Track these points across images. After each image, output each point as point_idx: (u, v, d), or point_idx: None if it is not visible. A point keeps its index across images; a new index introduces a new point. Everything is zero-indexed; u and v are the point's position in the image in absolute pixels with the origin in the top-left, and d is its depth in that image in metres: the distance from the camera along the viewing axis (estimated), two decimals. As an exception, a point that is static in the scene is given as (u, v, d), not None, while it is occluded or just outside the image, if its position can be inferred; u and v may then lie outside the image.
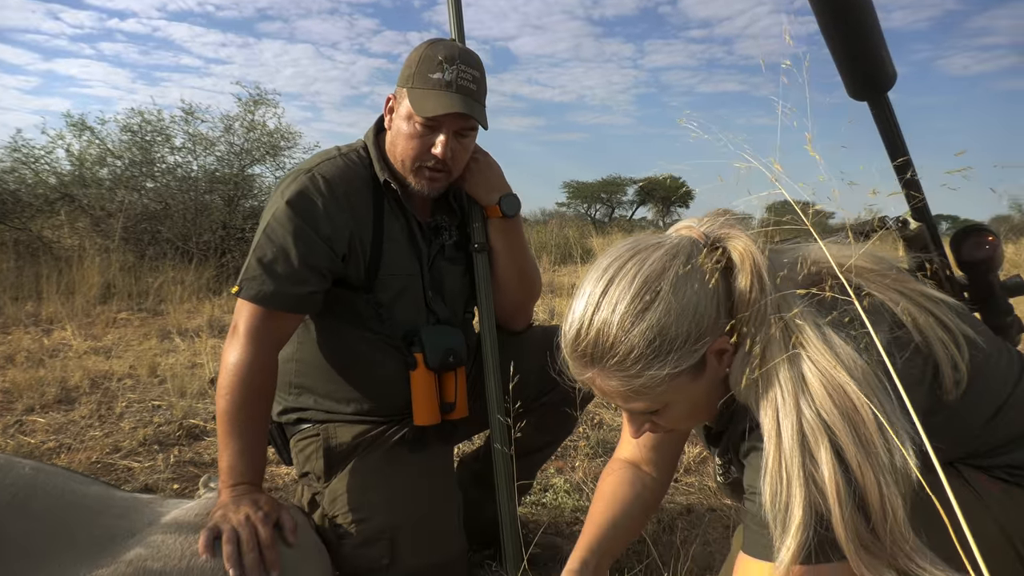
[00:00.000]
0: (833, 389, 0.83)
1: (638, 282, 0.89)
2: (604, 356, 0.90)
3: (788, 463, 0.82)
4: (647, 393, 0.92)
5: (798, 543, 0.81)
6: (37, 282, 5.79)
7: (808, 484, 0.81)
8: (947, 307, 0.95)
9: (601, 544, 1.22)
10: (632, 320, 0.88)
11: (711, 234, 0.95)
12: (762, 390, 0.88)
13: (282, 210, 1.42)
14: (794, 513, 0.81)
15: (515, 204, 1.61)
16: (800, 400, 0.84)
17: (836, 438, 0.81)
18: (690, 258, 0.91)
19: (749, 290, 0.89)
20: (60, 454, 2.53)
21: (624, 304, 0.88)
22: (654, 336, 0.88)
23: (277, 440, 1.66)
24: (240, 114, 8.08)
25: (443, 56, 1.45)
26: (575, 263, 9.95)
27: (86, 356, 3.99)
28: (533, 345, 1.72)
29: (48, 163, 7.79)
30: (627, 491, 1.29)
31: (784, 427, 0.83)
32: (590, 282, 0.93)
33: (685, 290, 0.89)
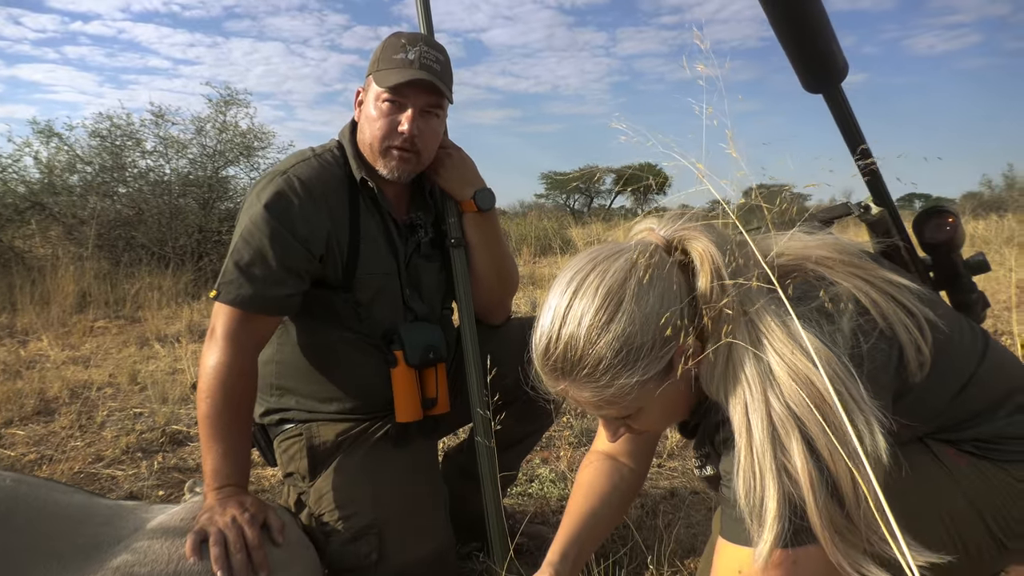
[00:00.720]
0: (800, 380, 0.84)
1: (600, 294, 0.91)
2: (574, 368, 0.93)
3: (760, 457, 0.84)
4: (618, 401, 0.95)
5: (775, 535, 0.83)
6: (11, 293, 5.70)
7: (781, 476, 0.83)
8: (909, 292, 0.98)
9: (580, 535, 1.24)
10: (598, 332, 0.90)
11: (671, 236, 0.98)
12: (730, 386, 0.89)
13: (258, 213, 1.42)
14: (768, 506, 0.83)
15: (490, 198, 1.62)
16: (768, 393, 0.85)
17: (806, 428, 0.83)
18: (649, 265, 0.92)
19: (710, 290, 0.91)
20: (42, 466, 2.50)
21: (589, 317, 0.90)
22: (620, 346, 0.90)
23: (260, 442, 1.66)
24: (211, 115, 8.02)
25: (406, 39, 1.49)
26: (555, 254, 9.97)
27: (64, 366, 3.94)
28: (512, 338, 1.73)
29: (16, 171, 7.66)
30: (605, 482, 1.31)
31: (754, 421, 0.85)
32: (555, 296, 0.95)
33: (647, 298, 0.91)
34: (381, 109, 1.48)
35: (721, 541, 0.95)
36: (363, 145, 1.54)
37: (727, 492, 0.93)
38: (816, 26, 1.16)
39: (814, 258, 0.98)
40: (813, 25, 1.16)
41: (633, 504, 2.07)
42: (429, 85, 1.47)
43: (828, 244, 0.99)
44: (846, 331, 0.90)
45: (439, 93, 1.50)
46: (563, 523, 1.27)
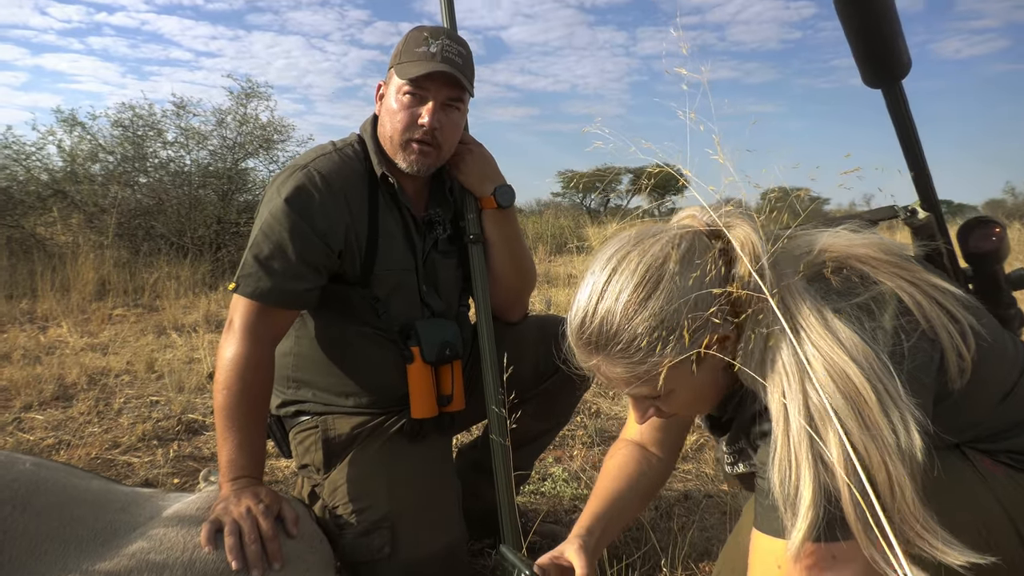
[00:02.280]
0: (836, 373, 0.84)
1: (640, 271, 0.91)
2: (608, 343, 0.93)
3: (796, 446, 0.84)
4: (650, 379, 0.94)
5: (809, 523, 0.82)
6: (32, 279, 5.77)
7: (817, 465, 0.82)
8: (954, 297, 0.97)
9: (606, 515, 1.24)
10: (635, 308, 0.90)
11: (712, 224, 0.97)
12: (768, 375, 0.89)
13: (279, 206, 1.42)
14: (803, 495, 0.82)
15: (510, 195, 1.61)
16: (806, 383, 0.85)
17: (841, 421, 0.82)
18: (691, 248, 0.93)
19: (749, 277, 0.91)
20: (59, 451, 2.53)
21: (627, 293, 0.91)
22: (656, 324, 0.90)
23: (276, 433, 1.67)
24: (232, 107, 8.06)
25: (428, 33, 1.49)
26: (570, 253, 9.95)
27: (83, 353, 3.99)
28: (529, 335, 1.73)
29: (39, 159, 7.76)
30: (632, 468, 1.31)
31: (791, 410, 0.85)
32: (594, 272, 0.96)
33: (686, 279, 0.91)
34: (402, 101, 1.48)
35: (756, 533, 0.94)
36: (383, 138, 1.54)
37: (762, 483, 0.92)
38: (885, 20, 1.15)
39: (858, 256, 0.97)
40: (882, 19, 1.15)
41: (647, 506, 2.06)
42: (451, 78, 1.47)
43: (873, 243, 0.98)
44: (887, 328, 0.89)
45: (460, 86, 1.49)
46: (589, 503, 1.27)
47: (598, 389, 3.32)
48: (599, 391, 3.30)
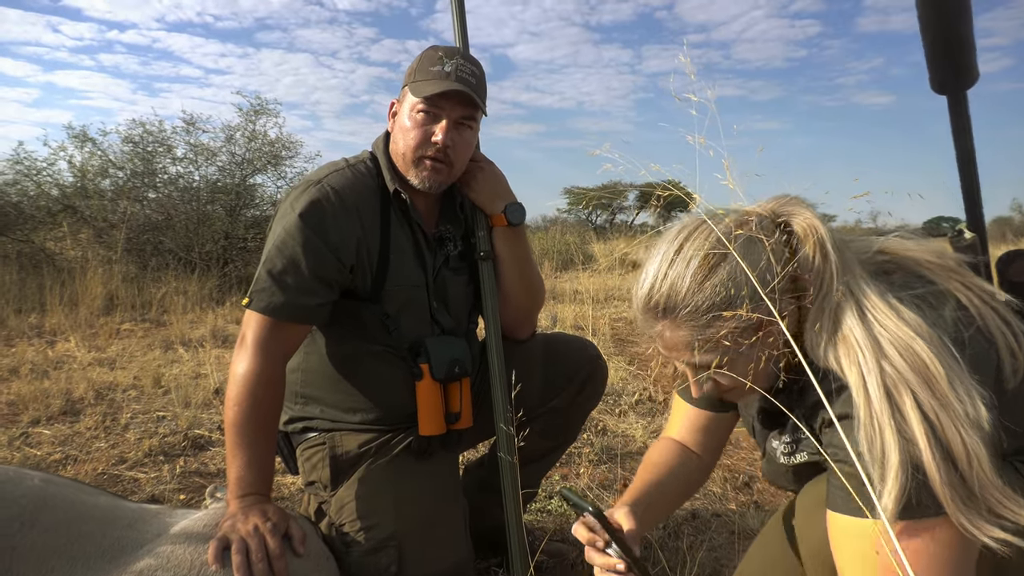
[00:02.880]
0: (903, 349, 0.88)
1: (710, 242, 0.98)
2: (676, 307, 0.98)
3: (879, 414, 0.86)
4: (712, 347, 0.98)
5: (899, 486, 0.83)
6: (40, 294, 5.81)
7: (900, 433, 0.85)
8: (1003, 303, 0.99)
9: (646, 499, 1.23)
10: (704, 274, 0.96)
11: (777, 211, 1.02)
12: (841, 350, 0.92)
13: (293, 222, 1.43)
14: (891, 458, 0.84)
15: (520, 213, 1.62)
16: (880, 358, 0.89)
17: (915, 391, 0.86)
18: (758, 227, 0.98)
19: (813, 258, 0.96)
20: (66, 466, 2.53)
21: (697, 260, 0.97)
22: (723, 291, 0.95)
23: (283, 449, 1.67)
24: (241, 124, 8.14)
25: (443, 53, 1.51)
26: (576, 269, 9.96)
27: (90, 367, 4.00)
28: (537, 353, 1.73)
29: (50, 175, 7.84)
30: (674, 460, 1.33)
31: (870, 382, 0.88)
32: (664, 244, 1.01)
33: (752, 252, 0.96)
34: (416, 119, 1.49)
35: (835, 516, 0.94)
36: (396, 155, 1.55)
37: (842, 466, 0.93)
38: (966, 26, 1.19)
39: (914, 259, 1.01)
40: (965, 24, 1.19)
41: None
42: (464, 96, 1.48)
43: (928, 249, 1.02)
44: (947, 319, 0.93)
45: (473, 105, 1.51)
46: (629, 489, 1.27)
47: (604, 406, 3.30)
48: (605, 408, 3.29)
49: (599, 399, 1.84)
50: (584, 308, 6.07)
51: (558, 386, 1.73)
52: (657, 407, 3.37)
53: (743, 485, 2.44)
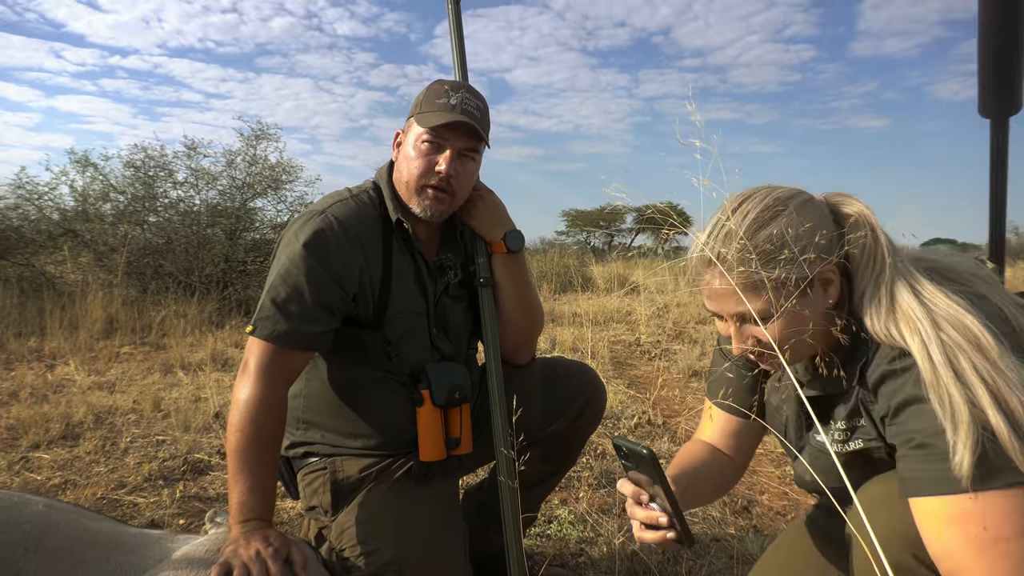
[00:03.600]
0: (956, 322, 0.95)
1: (768, 200, 1.06)
2: (728, 253, 1.04)
3: (944, 377, 0.91)
4: (759, 295, 1.04)
5: (973, 440, 0.87)
6: (40, 317, 5.82)
7: (964, 391, 0.90)
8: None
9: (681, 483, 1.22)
10: (759, 225, 1.04)
11: (830, 198, 1.11)
12: (901, 322, 0.98)
13: (297, 251, 1.46)
14: (961, 416, 0.89)
15: (519, 240, 1.65)
16: (936, 328, 0.95)
17: (972, 358, 0.92)
18: (812, 199, 1.08)
19: (864, 239, 1.05)
20: (66, 490, 2.53)
21: (753, 213, 1.05)
22: (776, 241, 1.02)
23: (284, 474, 1.68)
24: (242, 148, 8.19)
25: (449, 86, 1.55)
26: (575, 291, 9.98)
27: (90, 391, 4.00)
28: (536, 378, 1.74)
29: (52, 199, 7.89)
30: (706, 456, 1.35)
31: (932, 349, 0.94)
32: (724, 205, 1.09)
33: (807, 214, 1.04)
34: (421, 149, 1.53)
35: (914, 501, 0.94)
36: (399, 184, 1.58)
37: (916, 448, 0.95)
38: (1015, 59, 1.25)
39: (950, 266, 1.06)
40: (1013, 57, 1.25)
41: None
42: (469, 128, 1.52)
43: (963, 259, 1.08)
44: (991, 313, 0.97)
45: (477, 137, 1.55)
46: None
47: (604, 430, 3.31)
48: (605, 432, 3.29)
49: (598, 423, 1.85)
50: (583, 331, 6.09)
51: (557, 411, 1.74)
52: (656, 430, 3.38)
53: (742, 509, 2.44)
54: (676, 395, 4.14)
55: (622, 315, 7.65)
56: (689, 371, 4.68)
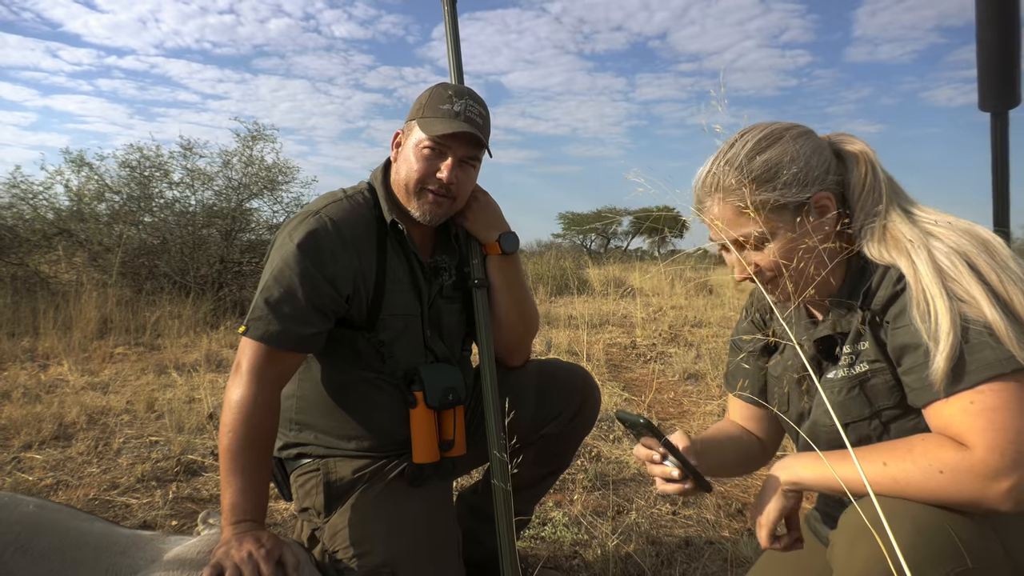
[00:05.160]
0: (960, 230, 1.02)
1: (767, 131, 1.11)
2: (727, 176, 1.10)
3: (928, 287, 0.97)
4: (756, 217, 1.08)
5: (950, 346, 0.93)
6: (34, 317, 5.80)
7: (952, 299, 0.95)
8: None
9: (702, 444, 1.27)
10: (756, 152, 1.09)
11: (832, 138, 1.16)
12: (891, 245, 1.05)
13: (291, 252, 1.45)
14: (942, 324, 0.94)
15: (514, 242, 1.65)
16: (929, 243, 1.01)
17: (971, 259, 0.98)
18: (811, 132, 1.13)
19: (864, 176, 1.11)
20: (58, 491, 2.52)
21: (752, 143, 1.10)
22: (772, 166, 1.08)
23: (277, 475, 1.67)
24: (238, 149, 8.18)
25: (453, 92, 1.55)
26: (571, 294, 9.99)
27: (83, 392, 3.99)
28: (531, 380, 1.74)
29: (46, 199, 7.85)
30: (731, 430, 1.42)
31: (918, 264, 1.00)
32: (728, 139, 1.14)
33: (804, 143, 1.10)
34: (421, 154, 1.52)
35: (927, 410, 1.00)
36: (397, 185, 1.58)
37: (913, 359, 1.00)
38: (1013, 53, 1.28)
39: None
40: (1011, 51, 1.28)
41: (648, 552, 2.05)
42: (472, 138, 1.52)
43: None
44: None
45: (479, 145, 1.55)
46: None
47: (598, 432, 3.31)
48: (599, 434, 3.29)
49: (592, 426, 1.85)
50: (579, 333, 6.09)
51: (552, 413, 1.74)
52: (651, 433, 3.37)
53: (736, 512, 2.44)
54: (671, 398, 4.14)
55: (618, 318, 7.66)
56: (685, 374, 4.69)
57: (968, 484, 0.89)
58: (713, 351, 5.29)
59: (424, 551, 1.49)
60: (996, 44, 1.33)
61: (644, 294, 9.58)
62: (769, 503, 1.10)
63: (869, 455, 0.97)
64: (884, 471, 0.94)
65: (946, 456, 0.91)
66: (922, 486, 0.92)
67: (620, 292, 10.18)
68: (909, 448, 0.95)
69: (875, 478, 0.95)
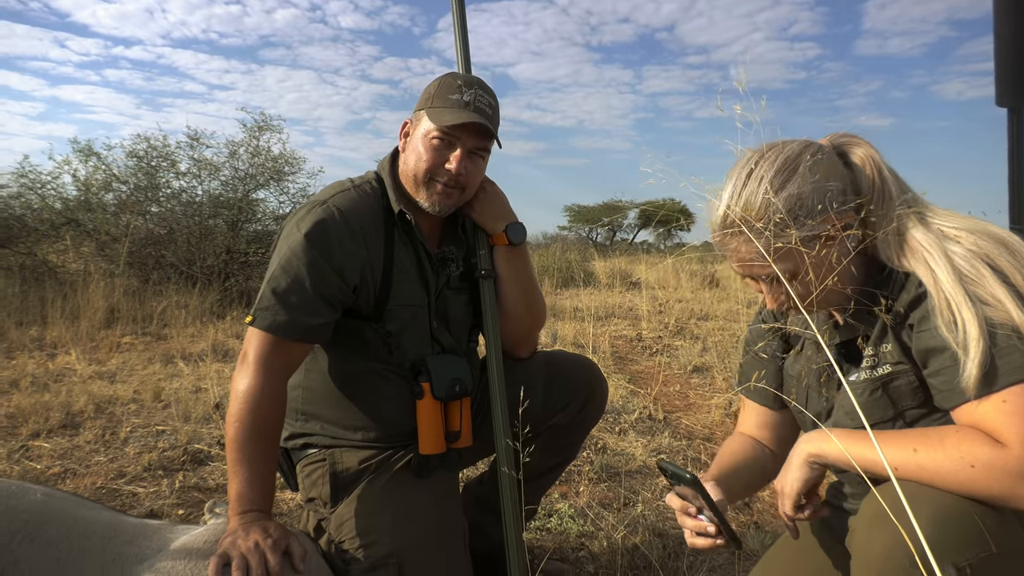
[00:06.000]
0: (977, 231, 1.01)
1: (780, 161, 1.07)
2: (750, 222, 1.07)
3: (951, 295, 0.96)
4: (784, 255, 1.07)
5: (981, 352, 0.92)
6: (42, 306, 5.82)
7: (975, 304, 0.94)
8: None
9: (726, 480, 1.26)
10: (776, 190, 1.06)
11: (835, 142, 1.14)
12: (908, 254, 1.04)
13: (298, 242, 1.45)
14: (970, 331, 0.93)
15: (521, 232, 1.64)
16: (946, 246, 1.00)
17: (992, 260, 0.97)
18: (821, 150, 1.10)
19: (872, 181, 1.09)
20: (65, 479, 2.53)
21: (768, 178, 1.07)
22: (794, 203, 1.05)
23: (283, 465, 1.67)
24: (245, 139, 8.17)
25: (462, 81, 1.53)
26: (577, 286, 9.97)
27: (91, 381, 4.00)
28: (538, 371, 1.74)
29: (54, 188, 7.87)
30: (748, 450, 1.38)
31: (937, 270, 0.99)
32: (736, 170, 1.11)
33: (819, 169, 1.07)
34: (432, 145, 1.51)
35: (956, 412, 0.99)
36: (405, 176, 1.56)
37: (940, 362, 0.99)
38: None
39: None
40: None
41: (655, 544, 2.04)
42: (482, 128, 1.50)
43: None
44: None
45: (489, 136, 1.53)
46: (710, 470, 1.31)
47: (604, 424, 3.30)
48: (605, 426, 3.28)
49: (599, 417, 1.85)
50: (585, 325, 6.08)
51: (559, 404, 1.73)
52: (657, 425, 3.37)
53: (743, 505, 2.43)
54: (677, 391, 4.13)
55: (624, 310, 7.64)
56: (690, 367, 4.67)
57: (1000, 481, 0.88)
58: (719, 344, 5.27)
59: (430, 542, 1.49)
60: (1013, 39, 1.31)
61: (650, 287, 9.56)
62: (792, 473, 1.12)
63: (900, 440, 0.97)
64: (913, 457, 0.94)
65: (980, 451, 0.90)
66: (951, 477, 0.91)
67: (626, 285, 10.16)
68: (941, 438, 0.94)
69: (903, 464, 0.94)
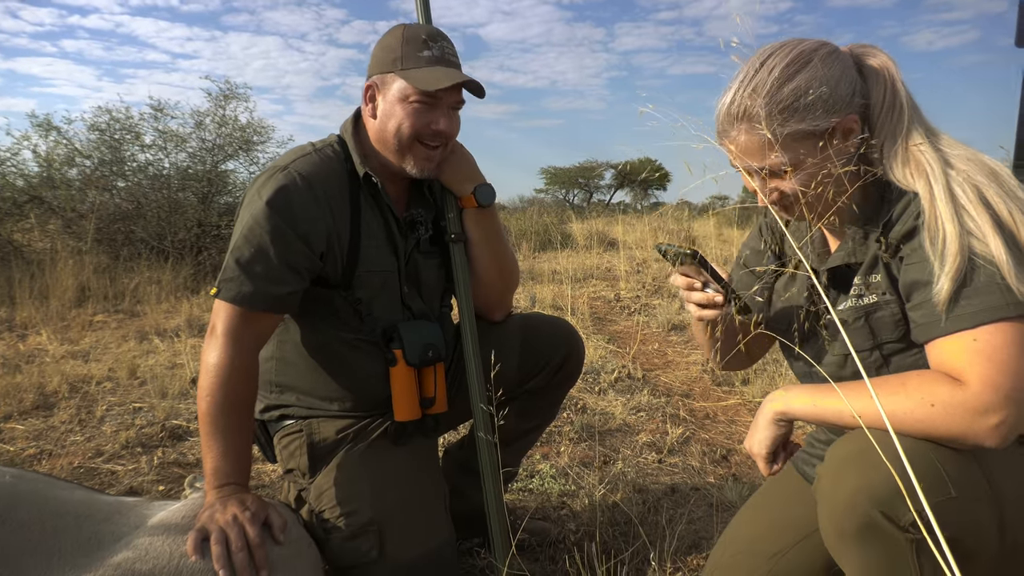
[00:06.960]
0: (974, 160, 1.02)
1: (793, 54, 1.07)
2: (754, 106, 1.06)
3: (942, 212, 0.97)
4: (784, 147, 1.06)
5: (956, 268, 0.94)
6: (9, 287, 5.68)
7: (960, 225, 0.96)
8: None
9: None
10: (784, 80, 1.05)
11: (855, 50, 1.13)
12: (912, 167, 1.04)
13: (260, 209, 1.41)
14: (950, 247, 0.95)
15: (490, 194, 1.61)
16: (946, 168, 1.01)
17: (982, 191, 0.98)
18: (836, 51, 1.09)
19: (885, 92, 1.08)
20: (41, 461, 2.50)
21: (779, 68, 1.06)
22: (800, 94, 1.05)
23: (260, 438, 1.66)
24: (211, 109, 7.96)
25: (426, 35, 1.48)
26: (554, 249, 9.96)
27: (63, 360, 3.94)
28: (514, 334, 1.73)
29: (14, 165, 7.62)
30: None
31: (935, 189, 1.00)
32: (750, 60, 1.10)
33: (831, 66, 1.06)
34: (414, 109, 1.46)
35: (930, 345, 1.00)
36: (383, 142, 1.51)
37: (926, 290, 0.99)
38: None
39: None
40: None
41: (635, 500, 2.07)
42: (467, 84, 1.47)
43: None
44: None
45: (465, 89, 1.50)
46: None
47: (584, 384, 3.33)
48: (585, 387, 3.31)
49: (577, 379, 1.85)
50: (563, 288, 6.09)
51: (536, 367, 1.73)
52: (636, 384, 3.40)
53: (721, 459, 2.48)
54: (656, 349, 4.16)
55: (602, 271, 7.66)
56: (669, 325, 4.71)
57: (959, 418, 0.90)
58: (697, 301, 5.31)
59: (410, 508, 1.49)
60: None
61: (628, 247, 9.58)
62: (760, 433, 1.14)
63: (860, 388, 0.98)
64: (875, 404, 0.95)
65: (940, 390, 0.92)
66: (912, 418, 0.93)
67: (604, 246, 10.17)
68: (903, 382, 0.96)
69: (865, 410, 0.95)
